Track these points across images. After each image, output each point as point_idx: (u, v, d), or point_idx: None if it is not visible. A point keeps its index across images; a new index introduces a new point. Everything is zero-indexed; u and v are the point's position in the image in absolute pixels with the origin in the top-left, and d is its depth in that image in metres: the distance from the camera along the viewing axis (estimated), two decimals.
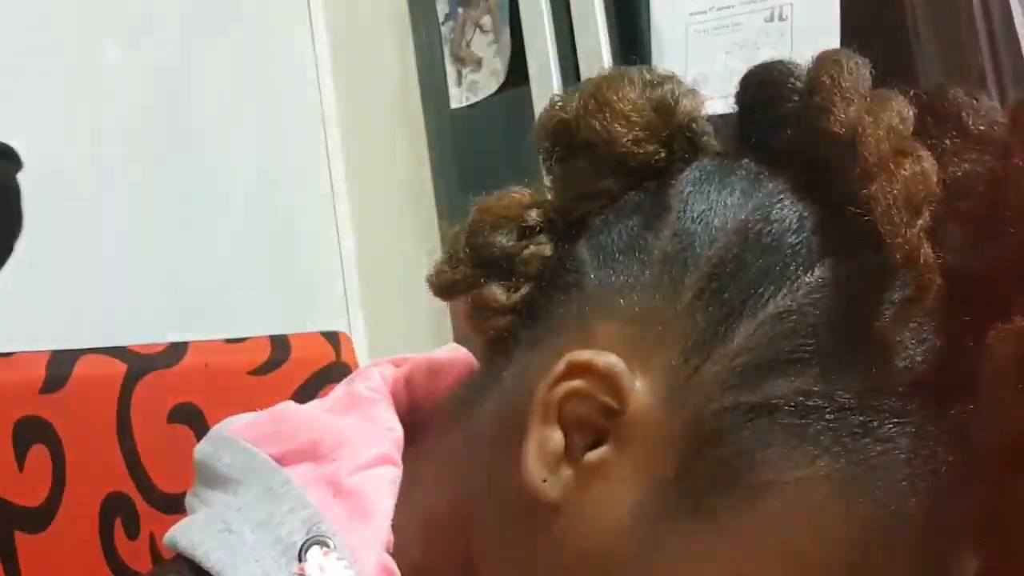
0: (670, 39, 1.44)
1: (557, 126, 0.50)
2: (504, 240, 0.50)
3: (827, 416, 0.42)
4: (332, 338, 0.81)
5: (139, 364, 0.72)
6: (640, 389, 0.44)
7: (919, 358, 0.43)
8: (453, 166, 1.89)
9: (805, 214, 0.45)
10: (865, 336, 0.43)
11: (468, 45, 1.86)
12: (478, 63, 1.84)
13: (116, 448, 0.70)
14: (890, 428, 0.42)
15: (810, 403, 0.42)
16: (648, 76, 0.49)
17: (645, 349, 0.44)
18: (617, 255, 0.47)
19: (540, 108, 0.52)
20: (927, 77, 1.21)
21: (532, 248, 0.50)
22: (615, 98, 0.48)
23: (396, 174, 2.01)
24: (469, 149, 1.86)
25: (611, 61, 1.57)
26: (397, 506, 0.48)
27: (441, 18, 1.92)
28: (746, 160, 0.47)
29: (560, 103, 0.50)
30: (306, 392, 0.77)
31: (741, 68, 0.49)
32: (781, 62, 0.47)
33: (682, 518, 0.43)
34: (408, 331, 1.85)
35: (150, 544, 0.74)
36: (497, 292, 0.49)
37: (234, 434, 0.51)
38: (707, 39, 1.41)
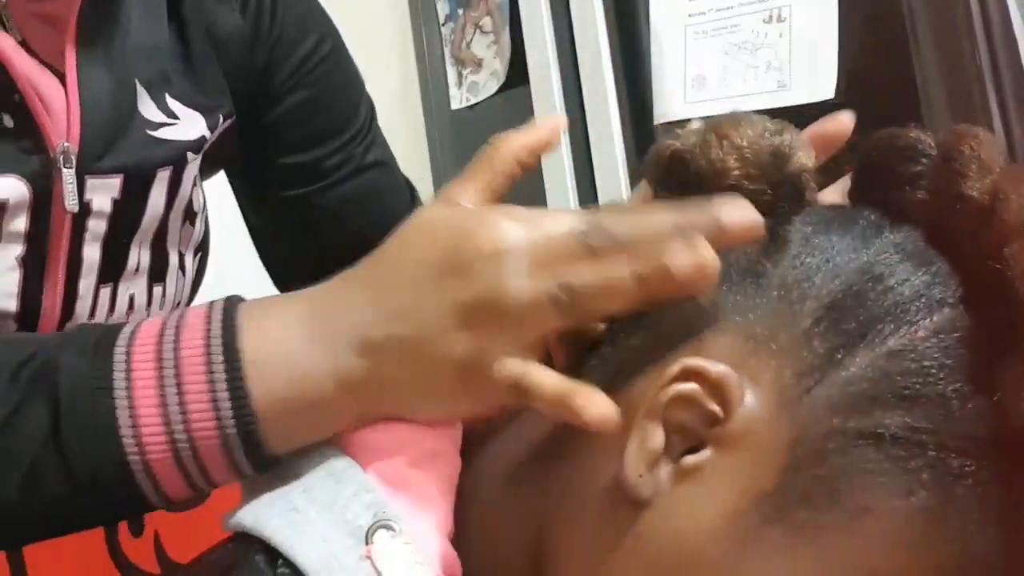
0: (669, 40, 1.45)
1: (673, 155, 0.50)
2: None
3: (930, 453, 0.43)
4: None
5: None
6: (748, 402, 0.45)
7: None
8: (453, 166, 1.90)
9: (931, 264, 0.46)
10: (979, 388, 0.43)
11: (468, 46, 1.86)
12: (478, 64, 1.84)
13: None
14: (989, 476, 0.43)
15: (916, 438, 0.43)
16: (771, 124, 0.50)
17: (757, 366, 0.45)
18: (733, 275, 0.47)
19: (540, 108, 0.51)
20: (925, 77, 1.22)
21: None
22: (734, 133, 0.49)
23: None
24: (469, 150, 1.85)
25: (611, 61, 1.58)
26: (459, 495, 0.49)
27: (441, 19, 1.93)
28: (867, 211, 0.49)
29: (678, 137, 0.51)
30: None
31: (740, 69, 0.49)
32: (912, 128, 0.49)
33: (772, 530, 0.44)
34: None
35: (154, 542, 0.74)
36: None
37: None
38: (706, 40, 1.41)
